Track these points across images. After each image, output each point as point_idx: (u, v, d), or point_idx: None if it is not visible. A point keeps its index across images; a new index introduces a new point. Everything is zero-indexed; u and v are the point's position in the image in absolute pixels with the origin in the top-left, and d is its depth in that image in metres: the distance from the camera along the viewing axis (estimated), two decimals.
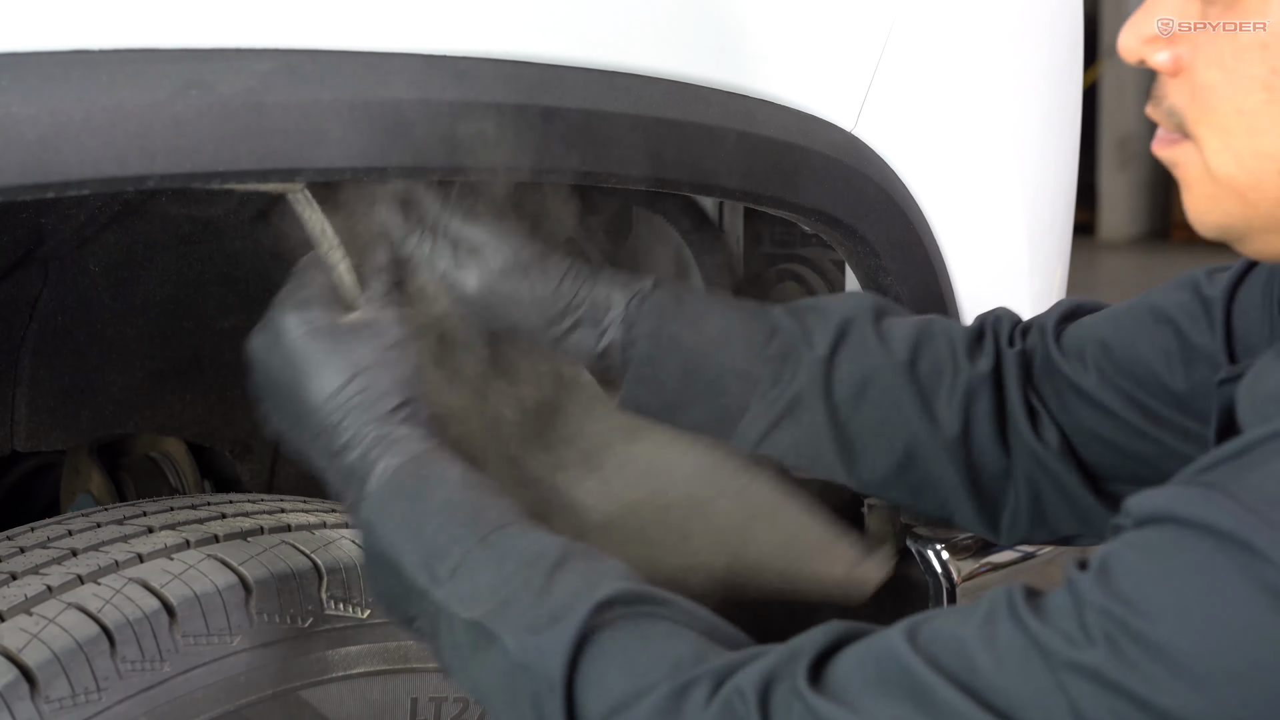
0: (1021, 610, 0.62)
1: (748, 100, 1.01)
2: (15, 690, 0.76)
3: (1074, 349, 0.93)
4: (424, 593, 0.78)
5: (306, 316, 0.86)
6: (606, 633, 0.72)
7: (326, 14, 0.79)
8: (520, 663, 0.73)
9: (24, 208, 1.08)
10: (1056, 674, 0.59)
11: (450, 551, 0.78)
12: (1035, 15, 1.29)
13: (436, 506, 0.81)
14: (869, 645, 0.66)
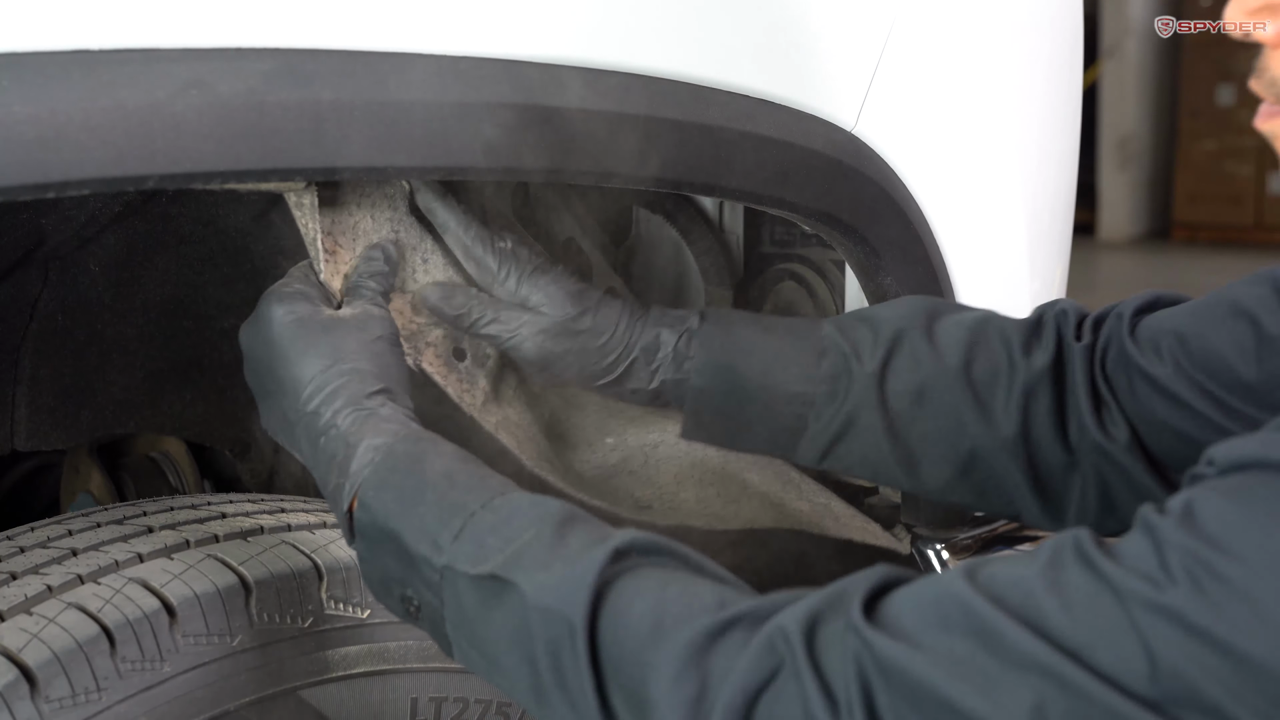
0: (1092, 553, 0.60)
1: (748, 100, 1.01)
2: (15, 690, 0.76)
3: (1149, 340, 0.93)
4: (425, 560, 0.77)
5: (292, 307, 0.88)
6: (626, 578, 0.71)
7: (326, 14, 0.79)
8: (539, 606, 0.71)
9: (24, 208, 1.08)
10: (1132, 614, 0.57)
11: (452, 518, 0.77)
12: (1035, 15, 1.28)
13: (434, 478, 0.80)
14: (925, 585, 0.64)
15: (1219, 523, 0.57)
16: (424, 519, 0.78)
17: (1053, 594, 0.59)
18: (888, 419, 0.96)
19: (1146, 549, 0.58)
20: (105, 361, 1.27)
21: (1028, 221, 1.29)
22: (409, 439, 0.83)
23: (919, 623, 0.62)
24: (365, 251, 0.94)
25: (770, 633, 0.65)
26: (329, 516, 0.98)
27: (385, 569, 0.80)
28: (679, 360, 0.98)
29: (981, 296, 1.24)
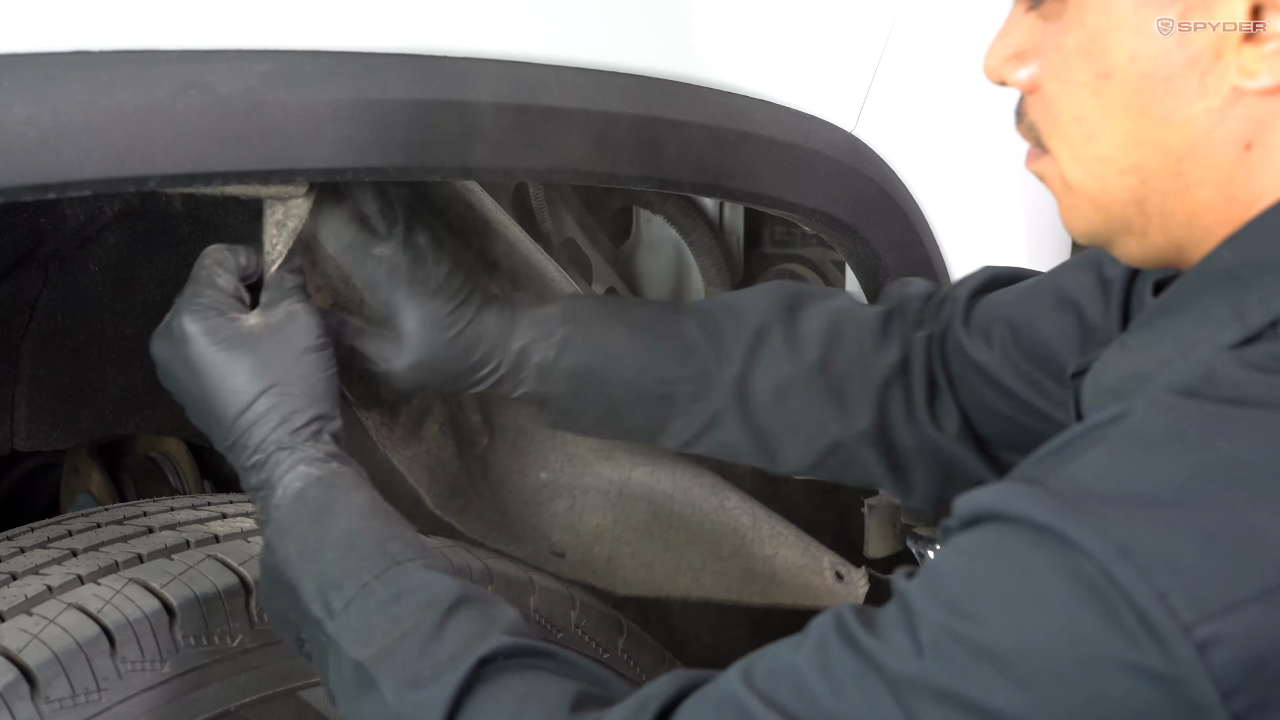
0: (854, 630, 0.62)
1: (748, 100, 1.01)
2: (15, 690, 0.76)
3: (980, 327, 0.94)
4: (317, 622, 0.78)
5: (209, 324, 0.84)
6: (487, 687, 0.73)
7: (326, 14, 0.79)
8: (397, 714, 0.73)
9: (24, 208, 1.08)
10: (893, 690, 0.59)
11: (345, 584, 0.78)
12: None
13: (337, 535, 0.80)
14: (708, 692, 0.67)
15: (955, 585, 0.60)
16: (320, 578, 0.79)
17: (822, 678, 0.62)
18: (748, 417, 0.98)
19: (899, 620, 0.61)
20: (105, 361, 1.27)
21: (1027, 221, 1.29)
22: (320, 484, 0.82)
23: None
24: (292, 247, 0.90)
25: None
26: None
27: (283, 611, 0.82)
28: (543, 373, 0.97)
29: None
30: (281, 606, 0.81)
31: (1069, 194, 0.71)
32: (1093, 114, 0.67)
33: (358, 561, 0.79)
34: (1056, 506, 0.57)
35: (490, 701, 0.72)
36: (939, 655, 0.58)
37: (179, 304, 0.86)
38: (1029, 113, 0.72)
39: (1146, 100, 0.65)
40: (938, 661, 0.58)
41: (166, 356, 0.86)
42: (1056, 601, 0.56)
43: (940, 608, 0.59)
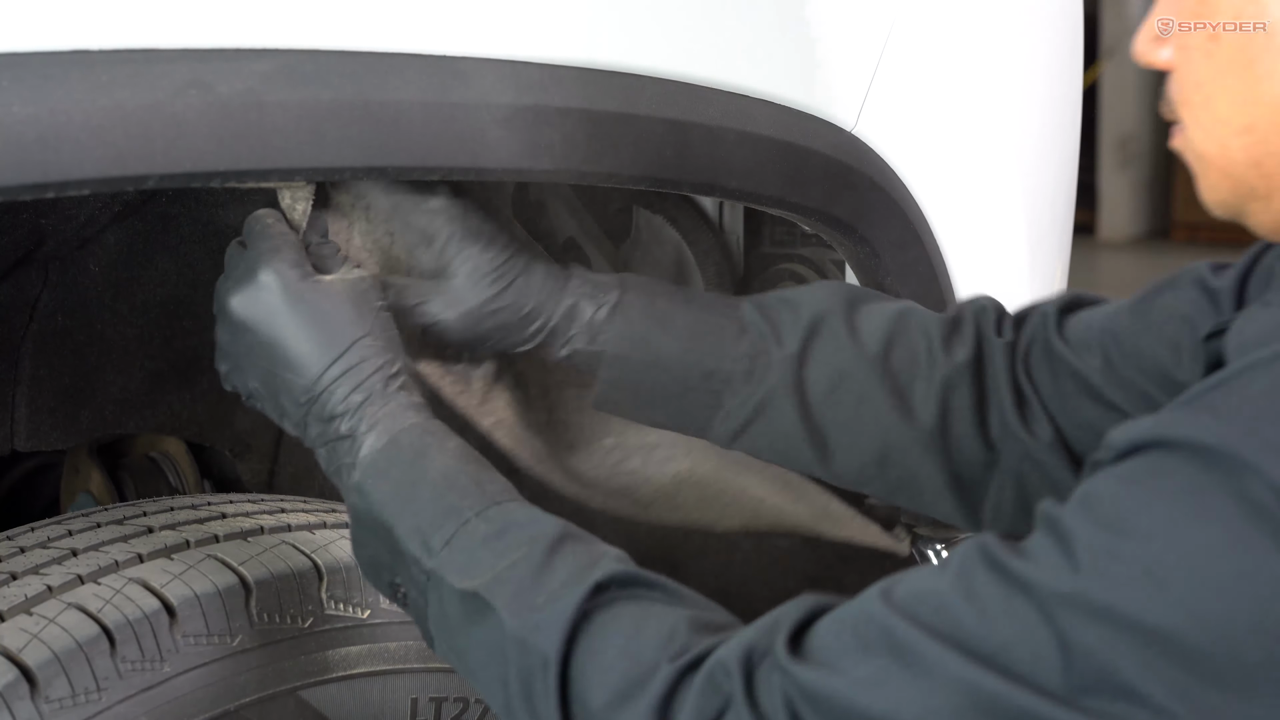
0: (998, 554, 0.62)
1: (748, 100, 1.01)
2: (15, 690, 0.76)
3: (1078, 339, 0.93)
4: (415, 560, 0.78)
5: (300, 272, 0.86)
6: (601, 614, 0.73)
7: (326, 14, 0.79)
8: (516, 637, 0.73)
9: (24, 208, 1.08)
10: (1043, 608, 0.59)
11: (446, 522, 0.78)
12: (1035, 15, 1.29)
13: (434, 476, 0.81)
14: (845, 611, 0.66)
15: (1115, 505, 0.59)
16: (418, 517, 0.79)
17: (966, 601, 0.61)
18: (803, 403, 0.95)
19: (1049, 542, 0.60)
20: (105, 361, 1.27)
21: (1028, 221, 1.29)
22: (414, 430, 0.83)
23: (839, 649, 0.65)
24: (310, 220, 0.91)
25: (712, 669, 0.67)
26: (329, 517, 0.98)
27: (376, 555, 0.81)
28: (593, 331, 0.96)
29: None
30: (374, 551, 0.81)
31: (1200, 164, 0.72)
32: (1207, 76, 0.69)
33: (458, 500, 0.79)
34: (1224, 428, 0.57)
35: (608, 624, 0.72)
36: (1095, 572, 0.58)
37: (256, 257, 0.87)
38: (1169, 90, 0.74)
39: (1251, 56, 0.67)
40: (1094, 578, 0.58)
41: (248, 309, 0.86)
42: (1221, 519, 0.56)
43: (1097, 527, 0.59)
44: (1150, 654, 0.57)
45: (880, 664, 0.62)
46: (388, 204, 0.94)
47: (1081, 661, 0.58)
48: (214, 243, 1.24)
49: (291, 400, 0.85)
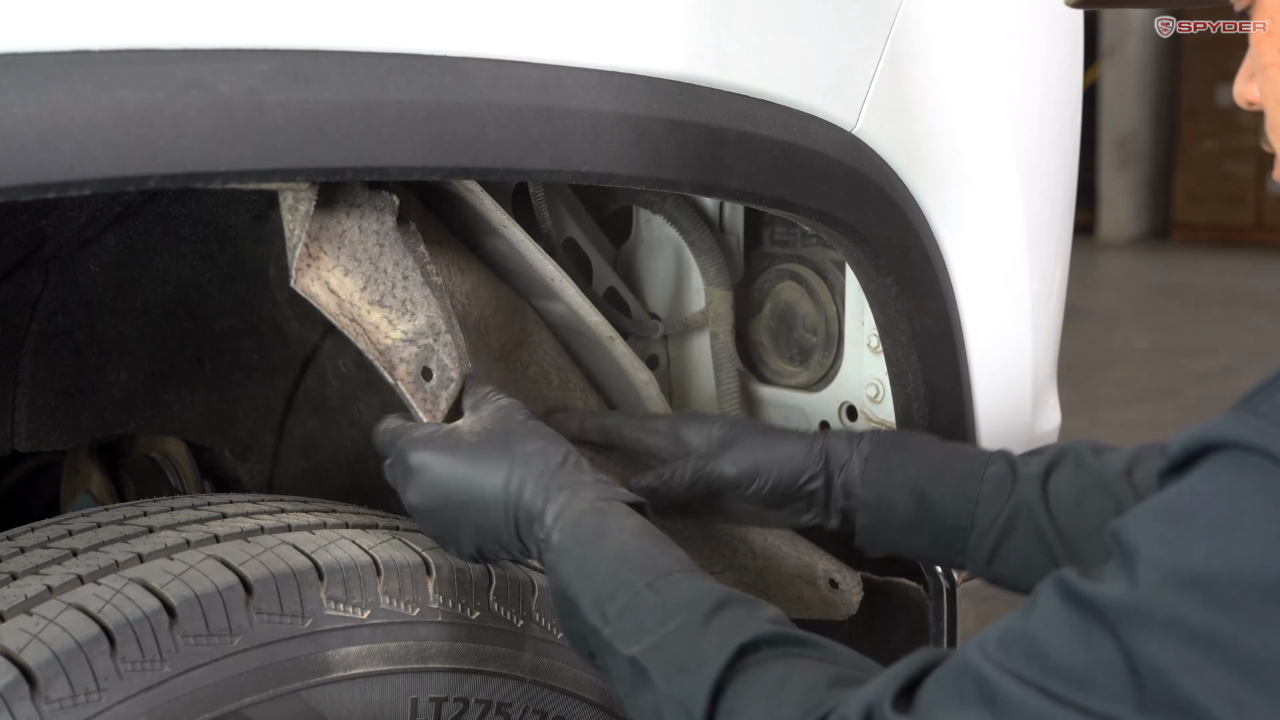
0: (1073, 583, 0.64)
1: (748, 100, 1.01)
2: (15, 690, 0.75)
3: None
4: (595, 630, 0.84)
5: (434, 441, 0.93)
6: (749, 674, 0.77)
7: (326, 14, 0.79)
8: (670, 697, 0.78)
9: (25, 209, 1.08)
10: (1113, 630, 0.61)
11: (619, 594, 0.84)
12: (1035, 15, 1.28)
13: (610, 553, 0.87)
14: (948, 666, 0.69)
15: (1167, 518, 0.62)
16: (597, 591, 0.85)
17: (1048, 635, 0.64)
18: (1050, 517, 1.01)
19: (1119, 564, 0.63)
20: (105, 361, 1.27)
21: (1028, 221, 1.29)
22: (595, 512, 0.90)
23: (940, 703, 0.68)
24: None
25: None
26: (329, 517, 0.98)
27: (573, 629, 0.88)
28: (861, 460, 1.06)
29: (981, 296, 1.24)
30: (571, 624, 0.88)
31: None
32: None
33: (630, 574, 0.85)
34: (1263, 427, 0.60)
35: (753, 684, 0.76)
36: (1155, 587, 0.60)
37: (403, 450, 0.94)
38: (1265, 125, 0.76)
39: None
40: (1154, 593, 0.60)
41: (422, 494, 0.93)
42: (1260, 518, 0.59)
43: (1154, 542, 0.61)
44: (1207, 662, 0.58)
45: (975, 715, 0.66)
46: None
47: (1149, 679, 0.60)
48: (213, 243, 1.24)
49: (502, 532, 0.92)
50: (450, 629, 0.95)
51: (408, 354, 0.97)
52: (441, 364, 0.98)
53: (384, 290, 0.96)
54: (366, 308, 0.95)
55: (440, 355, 0.98)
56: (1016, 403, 1.33)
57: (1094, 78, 8.54)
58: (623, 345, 1.21)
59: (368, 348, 0.95)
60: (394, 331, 0.96)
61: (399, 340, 0.97)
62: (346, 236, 0.94)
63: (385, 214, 0.96)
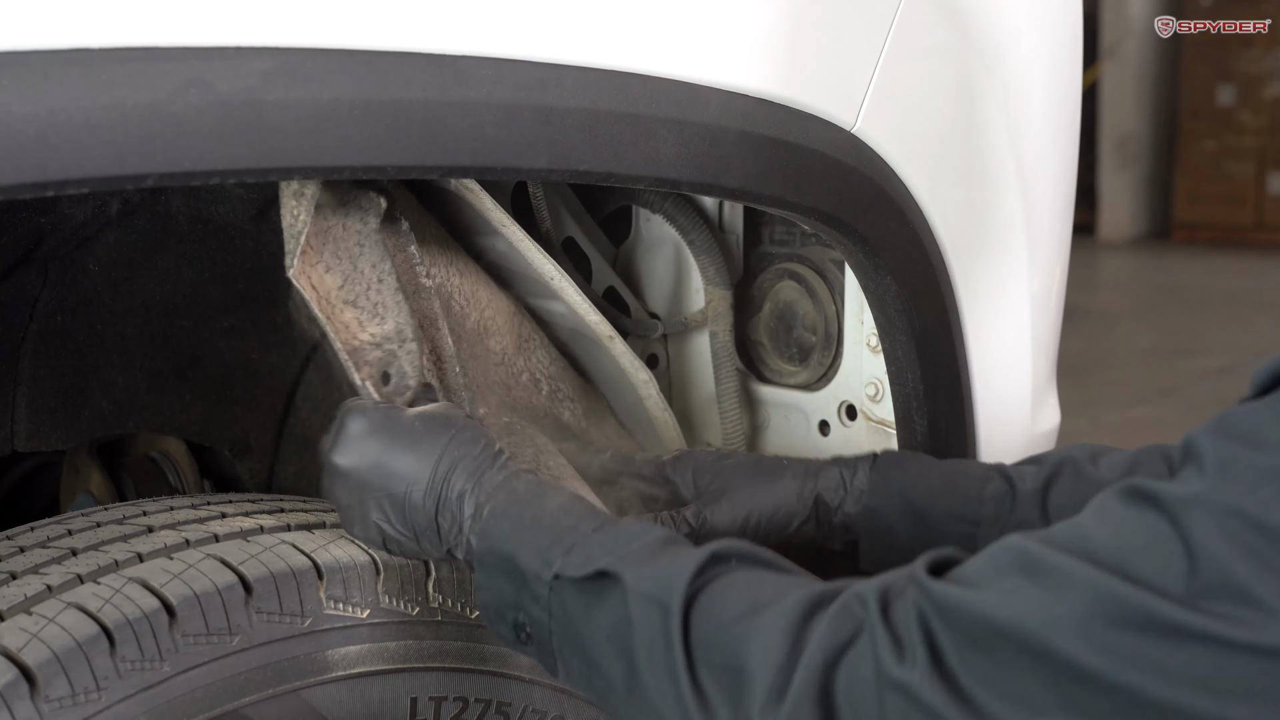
0: (1137, 484, 0.64)
1: (748, 100, 1.01)
2: (15, 690, 0.75)
3: None
4: (536, 576, 0.82)
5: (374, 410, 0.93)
6: (724, 577, 0.76)
7: (326, 14, 0.79)
8: (639, 592, 0.76)
9: (24, 207, 1.08)
10: (1171, 514, 0.61)
11: (565, 538, 0.83)
12: (1035, 15, 1.28)
13: (551, 509, 0.86)
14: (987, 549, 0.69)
15: (1249, 422, 0.62)
16: (538, 541, 0.84)
17: (1099, 524, 0.64)
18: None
19: (1187, 463, 0.63)
20: (105, 361, 1.27)
21: (1028, 221, 1.29)
22: (529, 476, 0.89)
23: (976, 572, 0.67)
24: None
25: (847, 599, 0.70)
26: (329, 516, 0.98)
27: (499, 593, 0.86)
28: (859, 488, 1.07)
29: (981, 296, 1.24)
30: (497, 588, 0.86)
31: None
32: None
33: (575, 522, 0.84)
34: None
35: (731, 583, 0.76)
36: (1223, 477, 0.61)
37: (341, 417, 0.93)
38: None
39: None
40: (1222, 482, 0.61)
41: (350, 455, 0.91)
42: None
43: (1228, 441, 0.62)
44: (1270, 554, 0.58)
45: (1013, 580, 0.64)
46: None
47: (1204, 564, 0.59)
48: (213, 242, 1.24)
49: (418, 510, 0.90)
50: (450, 628, 0.95)
51: (372, 357, 0.97)
52: (401, 370, 0.99)
53: (359, 291, 0.96)
54: (341, 306, 0.95)
55: (401, 362, 0.99)
56: (1016, 402, 1.33)
57: (1094, 78, 8.54)
58: (622, 345, 1.21)
59: (337, 345, 0.95)
60: (362, 333, 0.97)
61: (366, 343, 0.97)
62: (331, 233, 0.94)
63: (369, 215, 0.96)
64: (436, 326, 1.05)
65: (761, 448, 1.43)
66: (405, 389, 1.00)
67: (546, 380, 1.21)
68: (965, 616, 0.65)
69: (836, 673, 0.68)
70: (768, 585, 0.75)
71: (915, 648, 0.65)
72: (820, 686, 0.68)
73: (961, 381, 1.23)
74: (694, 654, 0.74)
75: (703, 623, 0.74)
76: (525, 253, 1.10)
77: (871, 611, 0.68)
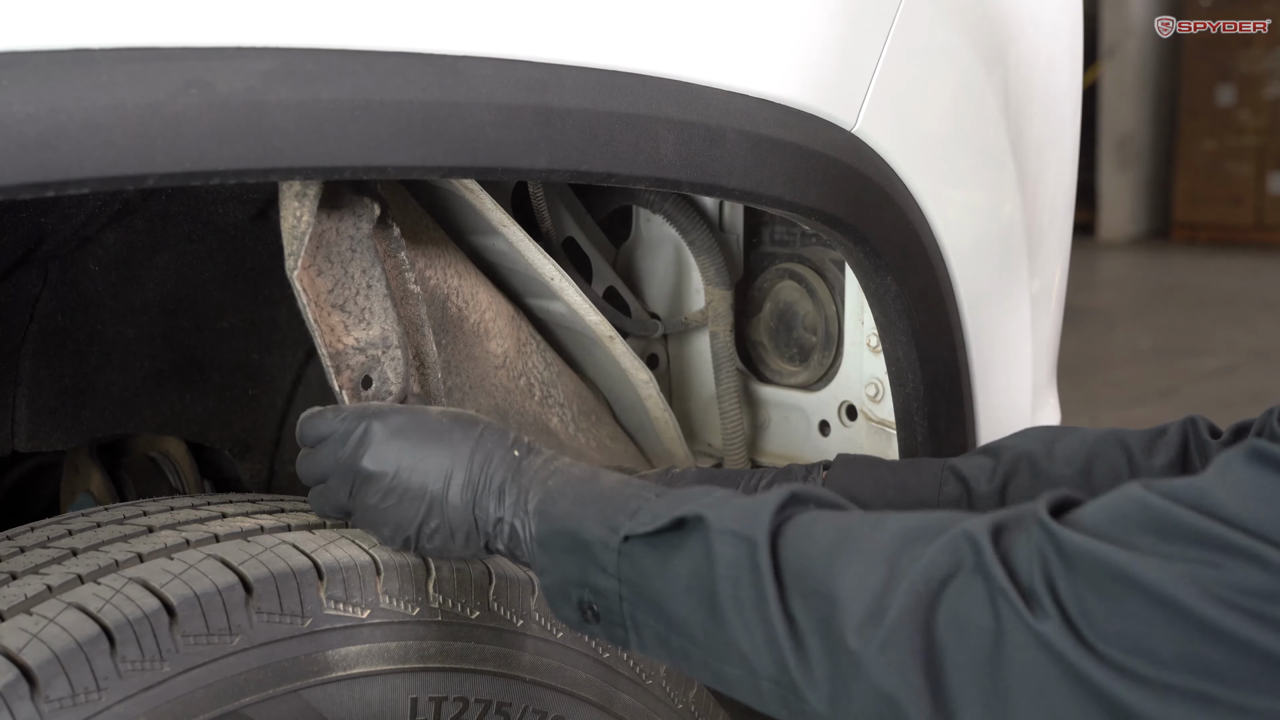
0: (1262, 446, 0.63)
1: (748, 100, 1.01)
2: (15, 690, 0.75)
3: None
4: (602, 543, 0.81)
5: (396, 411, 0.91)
6: (804, 513, 0.75)
7: (326, 14, 0.79)
8: (723, 530, 0.75)
9: (24, 207, 1.08)
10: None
11: (629, 504, 0.82)
12: (1035, 15, 1.28)
13: (608, 485, 0.85)
14: (1105, 497, 0.67)
15: None
16: (602, 511, 0.83)
17: (1222, 486, 0.63)
18: None
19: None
20: (105, 361, 1.27)
21: (1028, 221, 1.29)
22: (574, 464, 0.89)
23: (1099, 520, 0.66)
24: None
25: (955, 535, 0.68)
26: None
27: (562, 572, 0.85)
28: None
29: (982, 296, 1.24)
30: (560, 567, 0.85)
31: None
32: None
33: (636, 490, 0.84)
34: None
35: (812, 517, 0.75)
36: None
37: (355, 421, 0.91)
38: None
39: None
40: None
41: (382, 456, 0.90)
42: None
43: None
44: None
45: (1139, 532, 0.64)
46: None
47: None
48: (213, 241, 1.24)
49: (456, 506, 0.89)
50: (450, 629, 0.95)
51: (355, 362, 0.97)
52: (383, 376, 0.99)
53: (347, 295, 0.97)
54: (329, 309, 0.95)
55: (384, 368, 0.99)
56: (1016, 402, 1.33)
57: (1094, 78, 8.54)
58: (622, 344, 1.21)
59: (322, 348, 0.95)
60: (347, 337, 0.97)
61: (350, 347, 0.97)
62: (325, 237, 0.94)
63: (362, 220, 0.96)
64: (422, 333, 1.05)
65: (762, 448, 1.43)
66: (387, 394, 1.00)
67: (540, 385, 1.22)
68: (1091, 563, 0.64)
69: (939, 604, 0.67)
70: (854, 519, 0.73)
71: (1042, 598, 0.64)
72: (922, 616, 0.67)
73: (961, 381, 1.23)
74: (784, 583, 0.73)
75: (791, 555, 0.73)
76: (525, 253, 1.10)
77: (985, 552, 0.66)
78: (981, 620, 0.65)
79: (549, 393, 1.22)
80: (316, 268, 0.94)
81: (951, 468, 1.04)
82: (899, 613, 0.67)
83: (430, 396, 1.06)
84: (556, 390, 1.23)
